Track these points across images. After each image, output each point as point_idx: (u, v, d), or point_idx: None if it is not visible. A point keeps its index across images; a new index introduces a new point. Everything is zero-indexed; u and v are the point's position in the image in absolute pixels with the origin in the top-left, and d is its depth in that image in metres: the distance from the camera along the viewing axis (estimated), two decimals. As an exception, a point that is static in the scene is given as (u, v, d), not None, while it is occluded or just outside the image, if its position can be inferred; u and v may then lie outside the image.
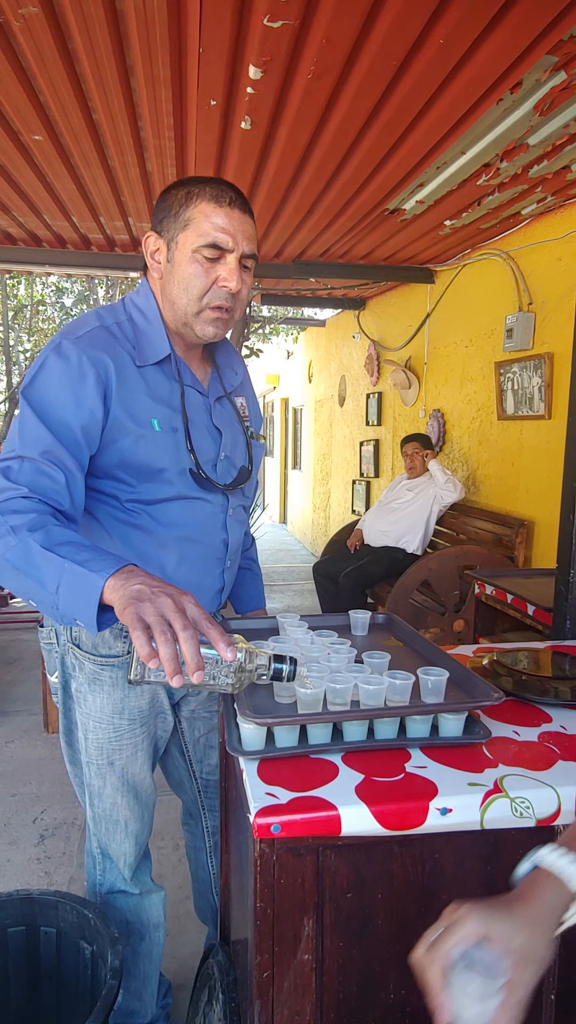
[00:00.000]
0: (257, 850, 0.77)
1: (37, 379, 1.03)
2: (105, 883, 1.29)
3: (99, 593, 0.83)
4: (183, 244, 1.05)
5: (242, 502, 1.25)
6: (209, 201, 1.04)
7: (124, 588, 0.82)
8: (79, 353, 1.03)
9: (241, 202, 1.06)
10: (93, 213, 3.35)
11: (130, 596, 0.80)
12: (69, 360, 1.03)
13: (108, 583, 0.83)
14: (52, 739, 2.93)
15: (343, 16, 1.70)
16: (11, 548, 0.89)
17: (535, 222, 3.34)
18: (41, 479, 0.97)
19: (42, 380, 1.02)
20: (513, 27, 1.73)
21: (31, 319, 11.51)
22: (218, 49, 1.87)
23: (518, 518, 3.45)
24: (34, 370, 1.04)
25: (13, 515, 0.91)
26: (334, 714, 0.89)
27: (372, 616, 1.32)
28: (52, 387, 1.02)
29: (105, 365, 1.04)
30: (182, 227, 1.05)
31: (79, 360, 1.03)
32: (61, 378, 1.02)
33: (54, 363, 1.03)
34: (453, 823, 0.79)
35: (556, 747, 0.92)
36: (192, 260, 1.05)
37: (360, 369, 6.04)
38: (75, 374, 1.02)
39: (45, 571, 0.86)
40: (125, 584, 0.82)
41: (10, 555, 0.89)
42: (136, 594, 0.80)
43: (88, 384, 1.02)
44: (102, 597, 0.83)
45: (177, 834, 2.20)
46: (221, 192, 1.04)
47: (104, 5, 1.69)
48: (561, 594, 1.54)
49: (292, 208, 3.18)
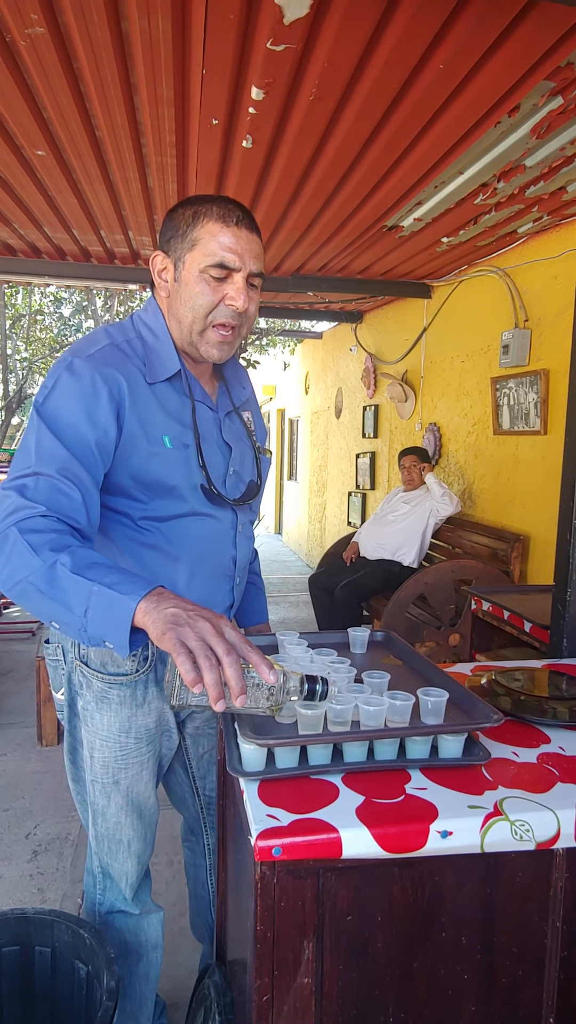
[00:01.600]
0: (258, 873, 0.77)
1: (51, 397, 1.02)
2: (105, 903, 1.28)
3: (131, 616, 0.82)
4: (190, 264, 1.06)
5: (250, 517, 1.26)
6: (216, 221, 1.04)
7: (157, 611, 0.81)
8: (91, 371, 1.03)
9: (248, 221, 1.07)
10: (94, 226, 3.37)
11: (168, 620, 0.80)
12: (82, 378, 1.03)
13: (140, 606, 0.82)
14: (45, 752, 2.91)
15: (345, 41, 1.73)
16: (35, 571, 0.88)
17: (531, 240, 3.38)
18: (58, 497, 0.96)
19: (56, 398, 1.02)
20: (512, 54, 1.77)
21: (28, 328, 11.53)
22: (221, 71, 1.90)
23: (514, 532, 3.47)
24: (47, 388, 1.03)
25: (33, 535, 0.90)
26: (335, 735, 0.90)
27: (371, 633, 1.33)
28: (66, 404, 1.01)
29: (118, 383, 1.04)
30: (189, 247, 1.06)
31: (92, 378, 1.03)
32: (75, 396, 1.02)
33: (67, 381, 1.03)
34: (453, 846, 0.79)
35: (555, 769, 0.93)
36: (199, 279, 1.06)
37: (357, 381, 6.07)
38: (88, 392, 1.02)
39: (72, 594, 0.86)
40: (158, 607, 0.82)
41: (34, 578, 0.88)
42: (173, 618, 0.80)
43: (102, 402, 1.03)
44: (133, 620, 0.83)
45: (171, 850, 2.18)
46: (228, 211, 1.05)
47: (110, 27, 1.71)
48: (558, 612, 1.55)
49: (291, 224, 3.21)
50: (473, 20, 1.63)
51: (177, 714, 1.26)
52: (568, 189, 2.73)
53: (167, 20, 1.67)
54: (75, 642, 1.17)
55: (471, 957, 0.84)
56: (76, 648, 1.17)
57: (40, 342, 11.88)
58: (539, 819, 0.82)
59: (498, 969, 0.85)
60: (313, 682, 0.87)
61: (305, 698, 0.87)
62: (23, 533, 0.90)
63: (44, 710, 2.94)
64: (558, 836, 0.82)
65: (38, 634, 4.66)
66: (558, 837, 0.82)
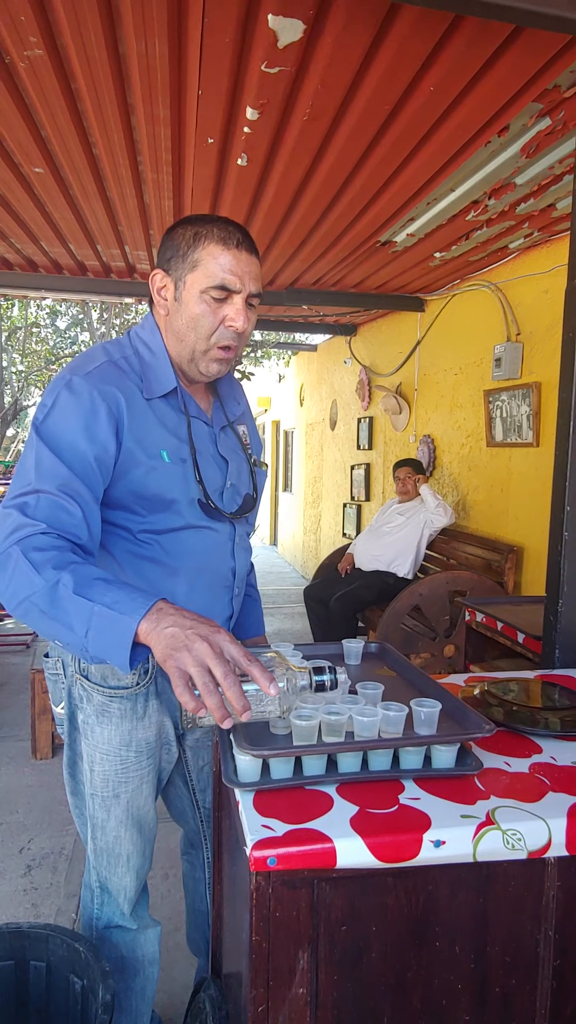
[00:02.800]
0: (253, 883, 0.77)
1: (51, 415, 1.04)
2: (103, 918, 1.28)
3: (132, 636, 0.84)
4: (191, 284, 1.08)
5: (247, 529, 1.27)
6: (217, 243, 1.07)
7: (157, 632, 0.82)
8: (90, 388, 1.05)
9: (248, 243, 1.09)
10: (90, 241, 3.41)
11: (167, 645, 0.81)
12: (81, 396, 1.04)
13: (141, 626, 0.84)
14: (40, 766, 2.90)
15: (338, 64, 1.77)
16: (36, 591, 0.88)
17: (522, 256, 3.43)
18: (59, 514, 0.97)
19: (55, 416, 1.03)
20: (500, 77, 1.81)
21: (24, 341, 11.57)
22: (217, 91, 1.94)
23: (508, 544, 3.49)
24: (47, 407, 1.05)
25: (35, 552, 0.91)
26: (329, 746, 0.91)
27: (365, 645, 1.34)
28: (65, 422, 1.03)
29: (116, 399, 1.06)
30: (190, 268, 1.08)
31: (91, 395, 1.04)
32: (74, 413, 1.03)
33: (66, 399, 1.04)
34: (446, 855, 0.80)
35: (546, 778, 0.94)
36: (200, 300, 1.08)
37: (351, 394, 6.11)
38: (88, 409, 1.04)
39: (73, 615, 0.87)
40: (158, 627, 0.83)
41: (36, 598, 0.89)
42: (172, 642, 0.81)
43: (101, 419, 1.04)
44: (136, 638, 0.84)
45: (166, 863, 2.17)
46: (229, 234, 1.07)
47: (107, 49, 1.74)
48: (550, 624, 1.56)
49: (286, 239, 3.25)
50: (463, 45, 1.67)
51: (177, 727, 1.26)
52: (557, 206, 2.78)
53: (164, 43, 1.71)
54: (75, 656, 1.18)
55: (465, 966, 0.85)
56: (76, 662, 1.18)
57: (36, 354, 11.93)
58: (530, 828, 0.83)
59: (491, 978, 0.86)
60: (321, 673, 0.89)
61: (316, 690, 0.88)
62: (25, 552, 0.91)
63: (39, 723, 2.93)
64: (549, 845, 0.83)
65: (33, 646, 4.64)
66: (549, 846, 0.83)
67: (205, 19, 1.62)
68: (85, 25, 1.64)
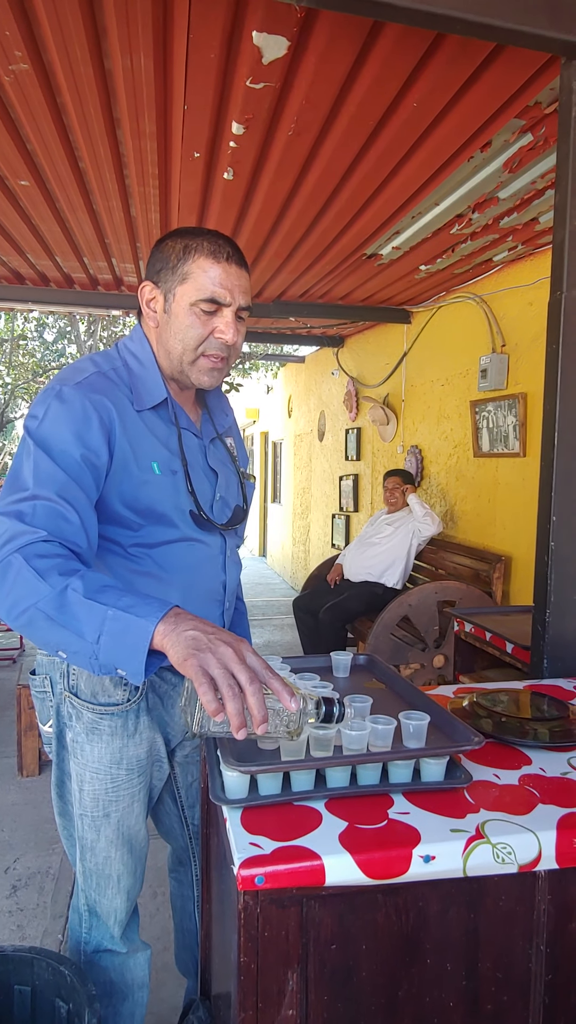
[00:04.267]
0: (241, 902, 0.76)
1: (43, 424, 1.02)
2: (91, 942, 1.24)
3: (149, 640, 0.81)
4: (181, 297, 1.08)
5: (236, 542, 1.27)
6: (207, 256, 1.07)
7: (176, 634, 0.81)
8: (82, 398, 1.04)
9: (238, 256, 1.10)
10: (77, 254, 3.41)
11: (188, 645, 0.79)
12: (72, 405, 1.03)
13: (158, 628, 0.82)
14: (26, 783, 2.85)
15: (322, 80, 1.79)
16: (43, 597, 0.86)
17: (507, 268, 3.47)
18: (58, 521, 0.95)
19: (48, 425, 1.02)
20: (482, 93, 1.84)
21: (11, 353, 11.54)
22: (202, 107, 1.95)
23: (496, 553, 3.50)
24: (38, 417, 1.03)
25: (39, 560, 0.88)
26: (317, 760, 0.90)
27: (353, 657, 1.33)
28: (58, 429, 1.01)
29: (107, 409, 1.05)
30: (180, 280, 1.08)
31: (82, 405, 1.03)
32: (66, 421, 1.02)
33: (58, 409, 1.03)
34: (436, 871, 0.80)
35: (536, 790, 0.94)
36: (190, 313, 1.08)
37: (339, 405, 6.14)
38: (80, 417, 1.02)
39: (84, 620, 0.84)
40: (176, 629, 0.81)
41: (43, 605, 0.86)
42: (194, 643, 0.79)
43: (93, 427, 1.03)
44: (152, 643, 0.81)
45: (155, 882, 2.14)
46: (219, 247, 1.08)
47: (93, 64, 1.75)
48: (538, 634, 1.57)
49: (272, 252, 3.27)
50: (445, 62, 1.69)
51: (168, 743, 1.24)
52: (540, 220, 2.82)
53: (149, 59, 1.72)
54: (64, 672, 1.16)
55: (456, 983, 0.84)
56: (65, 679, 1.16)
57: (23, 367, 11.89)
58: (520, 841, 0.82)
59: (484, 995, 0.85)
60: (331, 704, 0.87)
61: (323, 720, 0.87)
62: (28, 559, 0.88)
63: (25, 739, 2.88)
64: (539, 858, 0.82)
65: (19, 661, 4.58)
66: (539, 859, 0.82)
67: (190, 35, 1.63)
68: (71, 40, 1.65)
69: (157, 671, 1.20)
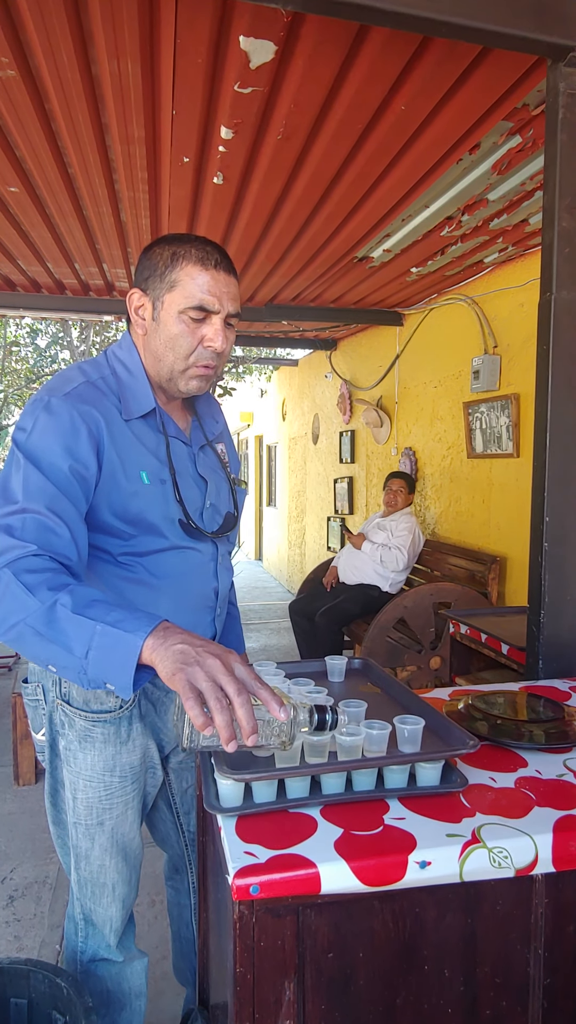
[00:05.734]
0: (236, 912, 0.75)
1: (32, 436, 1.01)
2: (87, 951, 1.24)
3: (137, 654, 0.81)
4: (169, 304, 1.08)
5: (228, 548, 1.26)
6: (195, 263, 1.06)
7: (165, 648, 0.80)
8: (70, 409, 1.03)
9: (226, 263, 1.09)
10: (68, 260, 3.40)
11: (176, 660, 0.79)
12: (61, 416, 1.02)
13: (147, 643, 0.81)
14: (22, 792, 2.84)
15: (310, 84, 1.79)
16: (32, 612, 0.86)
17: (497, 270, 3.48)
18: (48, 535, 0.94)
19: (36, 437, 1.01)
20: (470, 96, 1.84)
21: (3, 360, 11.51)
22: (191, 112, 1.95)
23: (490, 554, 3.51)
24: (27, 429, 1.02)
25: (28, 575, 0.88)
26: (312, 767, 0.89)
27: (348, 661, 1.33)
28: (46, 442, 1.01)
29: (96, 420, 1.05)
30: (168, 288, 1.07)
31: (71, 416, 1.03)
32: (55, 433, 1.01)
33: (46, 420, 1.02)
34: (432, 877, 0.79)
35: (532, 793, 0.93)
36: (178, 320, 1.08)
37: (333, 407, 6.14)
38: (68, 429, 1.02)
39: (72, 636, 0.84)
40: (165, 643, 0.81)
41: (32, 620, 0.85)
42: (182, 657, 0.79)
43: (82, 439, 1.02)
44: (140, 657, 0.81)
45: (152, 889, 2.13)
46: (207, 254, 1.07)
47: (80, 70, 1.75)
48: (533, 634, 1.56)
49: (264, 256, 3.27)
50: (432, 65, 1.70)
51: (161, 749, 1.24)
52: (530, 221, 2.82)
53: (136, 64, 1.72)
54: (56, 680, 1.15)
55: (455, 990, 0.83)
56: (57, 687, 1.15)
57: (16, 373, 11.86)
58: (517, 845, 0.82)
59: (482, 1001, 0.84)
60: (323, 712, 0.87)
61: (316, 728, 0.87)
62: (17, 574, 0.88)
63: (21, 748, 2.87)
64: (536, 862, 0.82)
65: (15, 669, 4.56)
66: (536, 863, 0.82)
67: (177, 40, 1.63)
68: (57, 46, 1.65)
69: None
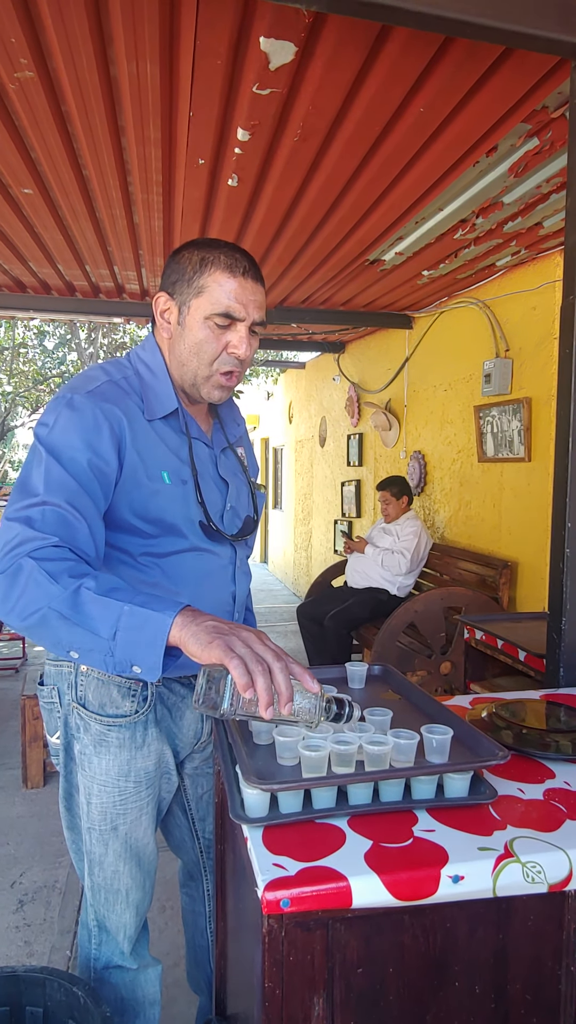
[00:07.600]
0: (266, 926, 0.74)
1: (54, 431, 1.01)
2: (101, 958, 1.23)
3: (167, 632, 0.82)
4: (195, 310, 1.08)
5: (246, 552, 1.25)
6: (224, 270, 1.06)
7: (196, 624, 0.82)
8: (92, 406, 1.03)
9: (254, 271, 1.09)
10: (79, 262, 3.40)
11: (211, 632, 0.81)
12: (84, 413, 1.02)
13: (176, 621, 0.83)
14: (31, 795, 2.82)
15: (329, 86, 1.78)
16: (55, 597, 0.86)
17: (510, 273, 3.46)
18: (67, 528, 0.95)
19: (58, 432, 1.01)
20: (489, 98, 1.83)
21: (11, 362, 11.54)
22: (208, 113, 1.94)
23: (501, 559, 3.48)
24: (49, 425, 1.02)
25: (50, 563, 0.89)
26: (340, 777, 0.87)
27: (368, 668, 1.31)
28: (69, 437, 1.01)
29: (118, 418, 1.05)
30: (195, 293, 1.07)
31: (93, 413, 1.03)
32: (77, 429, 1.01)
33: (68, 416, 1.02)
34: (465, 891, 0.77)
35: (563, 805, 0.91)
36: (204, 326, 1.08)
37: (340, 411, 6.13)
38: (91, 426, 1.02)
39: (99, 617, 0.84)
40: (195, 621, 0.82)
41: (56, 604, 0.86)
42: (216, 630, 0.81)
43: (104, 436, 1.02)
44: (168, 637, 0.82)
45: (164, 895, 2.11)
46: (235, 261, 1.07)
47: (98, 71, 1.74)
48: (553, 641, 1.54)
49: (276, 258, 3.26)
50: (452, 66, 1.69)
51: (177, 754, 1.23)
52: (544, 224, 2.81)
53: (155, 65, 1.71)
54: (72, 683, 1.14)
55: (485, 1007, 0.81)
56: (73, 690, 1.14)
57: (23, 375, 11.90)
58: (550, 860, 0.80)
59: (513, 1017, 0.82)
60: (341, 705, 0.88)
61: (332, 719, 0.88)
62: (39, 562, 0.88)
63: (29, 751, 2.86)
64: (571, 877, 0.80)
65: (22, 671, 4.55)
66: (571, 878, 0.80)
67: (197, 41, 1.62)
68: (76, 47, 1.64)
69: (166, 683, 1.19)
